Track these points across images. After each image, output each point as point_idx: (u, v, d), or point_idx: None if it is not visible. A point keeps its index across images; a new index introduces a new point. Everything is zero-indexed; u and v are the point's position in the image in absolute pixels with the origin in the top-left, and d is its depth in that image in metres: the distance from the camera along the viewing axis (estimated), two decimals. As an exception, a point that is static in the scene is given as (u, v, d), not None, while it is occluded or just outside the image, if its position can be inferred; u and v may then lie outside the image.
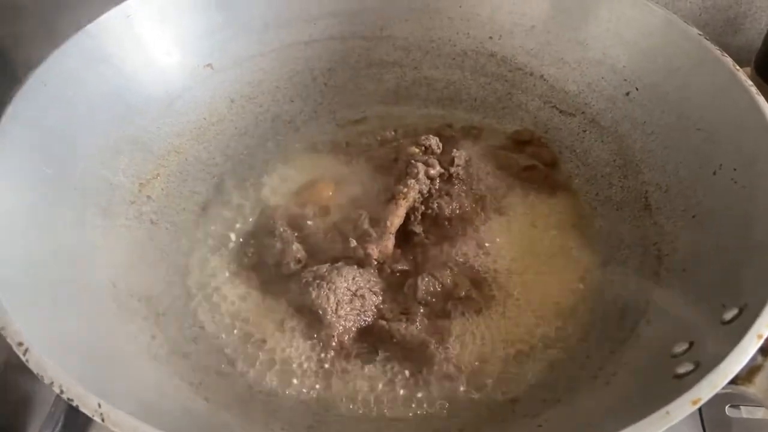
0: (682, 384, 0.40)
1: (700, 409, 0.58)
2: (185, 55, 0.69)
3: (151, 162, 0.66)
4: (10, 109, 0.53)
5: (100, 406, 0.37)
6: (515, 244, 0.64)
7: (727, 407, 0.59)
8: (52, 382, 0.39)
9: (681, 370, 0.42)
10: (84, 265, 0.54)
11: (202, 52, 0.70)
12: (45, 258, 0.50)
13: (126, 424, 0.37)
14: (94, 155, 0.60)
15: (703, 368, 0.40)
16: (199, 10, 0.69)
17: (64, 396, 0.38)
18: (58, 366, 0.39)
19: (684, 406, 0.38)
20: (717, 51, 0.58)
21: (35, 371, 0.39)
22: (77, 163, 0.58)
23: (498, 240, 0.64)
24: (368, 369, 0.55)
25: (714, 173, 0.55)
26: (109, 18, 0.63)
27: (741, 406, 0.59)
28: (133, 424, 0.37)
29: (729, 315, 0.44)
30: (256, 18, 0.72)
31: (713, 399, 0.39)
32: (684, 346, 0.45)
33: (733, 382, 0.40)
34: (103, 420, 0.37)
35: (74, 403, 0.38)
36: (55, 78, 0.58)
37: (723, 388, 0.39)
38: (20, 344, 0.40)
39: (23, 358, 0.40)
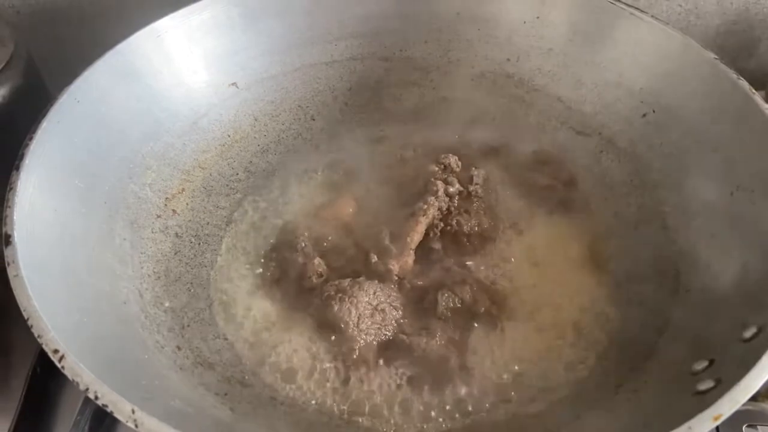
0: (703, 400, 0.41)
1: (717, 429, 0.58)
2: (211, 73, 0.71)
3: (177, 177, 0.67)
4: (45, 125, 0.55)
5: (134, 412, 0.38)
6: (533, 261, 0.65)
7: (744, 427, 0.59)
8: (87, 388, 0.40)
9: (702, 386, 0.42)
10: (113, 276, 0.55)
11: (228, 71, 0.72)
12: (78, 268, 0.51)
13: (160, 430, 0.38)
14: (123, 170, 0.62)
15: (723, 385, 0.41)
16: (225, 31, 0.70)
17: (99, 402, 0.39)
18: (92, 373, 0.40)
19: (706, 422, 0.39)
20: (733, 74, 0.59)
21: (70, 377, 0.40)
22: (107, 178, 0.60)
23: (516, 257, 0.65)
24: (389, 383, 0.56)
25: (731, 194, 0.56)
26: (140, 37, 0.64)
27: (758, 426, 0.59)
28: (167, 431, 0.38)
29: (749, 333, 0.45)
30: (280, 39, 0.74)
31: (730, 419, 0.39)
32: (704, 364, 0.45)
33: (753, 398, 0.41)
34: (136, 425, 0.38)
35: (109, 409, 0.39)
36: (88, 95, 0.59)
37: (743, 405, 0.40)
38: (56, 351, 0.41)
39: (59, 365, 0.41)
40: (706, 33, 0.89)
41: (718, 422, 0.39)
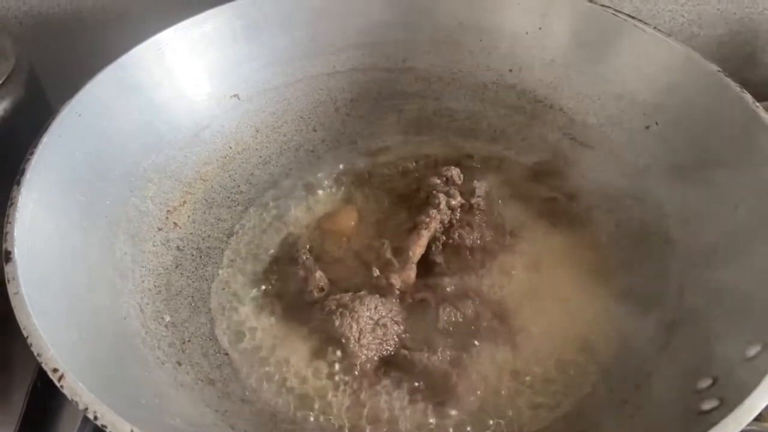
0: (706, 420, 0.40)
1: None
2: (213, 85, 0.71)
3: (179, 190, 0.67)
4: (46, 138, 0.55)
5: (132, 432, 0.38)
6: (535, 275, 0.64)
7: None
8: (86, 408, 0.39)
9: (706, 406, 0.42)
10: (114, 291, 0.55)
11: (230, 82, 0.72)
12: (78, 283, 0.51)
13: (158, 451, 0.38)
14: (124, 183, 0.62)
15: (727, 405, 0.41)
16: (226, 42, 0.70)
17: (98, 422, 0.39)
18: (91, 392, 0.40)
19: (709, 443, 0.38)
20: (737, 87, 0.59)
21: (70, 397, 0.40)
22: (108, 191, 0.60)
23: (518, 271, 0.64)
24: (390, 399, 0.55)
25: (736, 208, 0.56)
26: (142, 50, 0.64)
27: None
28: (166, 452, 0.38)
29: (753, 351, 0.44)
30: (282, 50, 0.74)
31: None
32: (708, 382, 0.45)
33: (757, 419, 0.41)
34: (135, 447, 0.38)
35: (107, 430, 0.39)
36: (89, 108, 0.59)
37: (747, 425, 0.40)
38: (55, 370, 0.41)
39: (58, 384, 0.41)
40: (708, 43, 0.89)
41: (722, 443, 0.39)
